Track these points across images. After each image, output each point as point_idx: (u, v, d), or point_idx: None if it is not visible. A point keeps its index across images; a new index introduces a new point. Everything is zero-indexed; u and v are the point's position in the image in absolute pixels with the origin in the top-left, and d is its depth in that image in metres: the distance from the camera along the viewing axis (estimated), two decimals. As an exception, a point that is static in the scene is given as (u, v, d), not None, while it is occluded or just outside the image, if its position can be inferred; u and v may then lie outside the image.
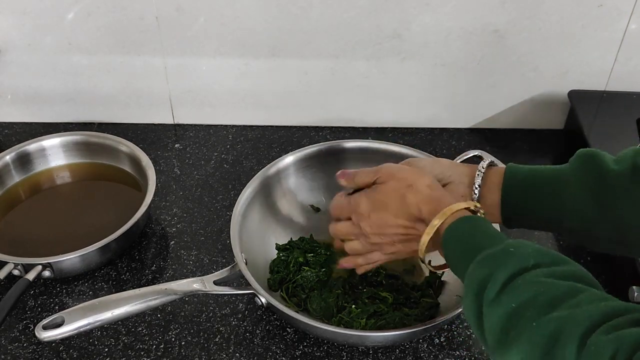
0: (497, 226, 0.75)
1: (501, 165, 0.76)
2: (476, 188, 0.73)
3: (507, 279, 0.55)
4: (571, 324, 0.49)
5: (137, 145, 0.98)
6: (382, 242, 0.72)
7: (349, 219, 0.74)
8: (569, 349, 0.48)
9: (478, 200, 0.73)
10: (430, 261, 0.71)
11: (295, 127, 1.13)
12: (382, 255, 0.74)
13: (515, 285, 0.54)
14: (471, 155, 0.87)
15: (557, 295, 0.52)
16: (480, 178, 0.73)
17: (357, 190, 0.75)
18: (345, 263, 0.78)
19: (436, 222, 0.65)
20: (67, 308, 0.74)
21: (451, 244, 0.64)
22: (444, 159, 0.78)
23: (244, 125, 1.14)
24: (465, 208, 0.65)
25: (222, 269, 0.81)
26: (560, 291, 0.52)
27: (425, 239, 0.66)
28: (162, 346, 0.80)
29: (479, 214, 0.67)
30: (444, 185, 0.74)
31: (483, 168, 0.74)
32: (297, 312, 0.79)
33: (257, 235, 0.88)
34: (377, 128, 1.13)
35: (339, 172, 0.76)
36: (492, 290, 0.55)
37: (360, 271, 0.78)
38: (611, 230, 0.67)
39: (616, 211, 0.67)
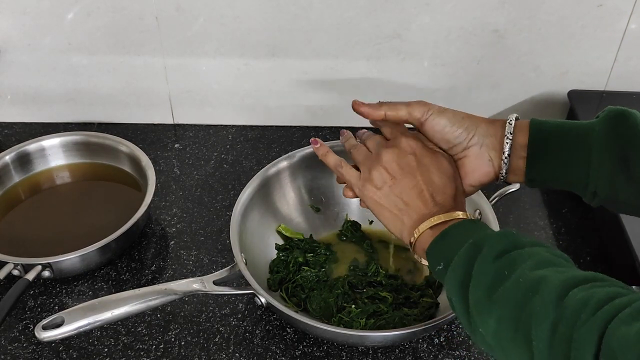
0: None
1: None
2: (506, 158, 0.68)
3: (504, 249, 0.56)
4: (553, 279, 0.51)
5: (137, 145, 0.98)
6: (378, 177, 0.68)
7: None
8: (547, 301, 0.49)
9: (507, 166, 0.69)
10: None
11: (295, 127, 1.13)
12: (356, 178, 0.71)
13: (510, 254, 0.56)
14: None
15: (546, 259, 0.54)
16: (509, 145, 0.68)
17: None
18: (318, 143, 0.76)
19: (437, 219, 0.64)
20: (67, 308, 0.74)
21: (450, 234, 0.62)
22: (465, 115, 0.71)
23: (243, 125, 1.14)
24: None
25: (221, 269, 0.81)
26: (549, 259, 0.55)
27: (426, 225, 0.64)
28: (161, 346, 0.80)
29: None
30: (464, 150, 0.70)
31: (511, 133, 0.68)
32: (297, 312, 0.79)
33: (256, 235, 0.88)
34: (376, 128, 1.13)
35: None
36: (487, 255, 0.56)
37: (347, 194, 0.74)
38: (636, 196, 0.64)
39: None
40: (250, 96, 1.10)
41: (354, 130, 1.12)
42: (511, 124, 0.68)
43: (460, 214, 0.65)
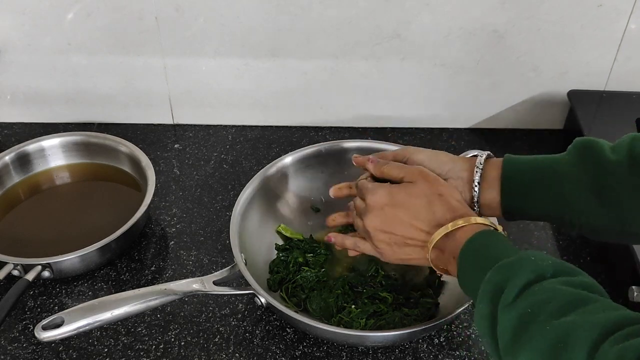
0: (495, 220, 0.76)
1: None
2: (476, 185, 0.72)
3: (524, 285, 0.55)
4: (582, 329, 0.49)
5: (137, 146, 0.98)
6: (383, 240, 0.71)
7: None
8: (578, 356, 0.47)
9: (478, 196, 0.73)
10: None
11: (295, 127, 1.13)
12: (371, 248, 0.73)
13: (532, 291, 0.54)
14: (471, 155, 0.87)
15: (571, 301, 0.52)
16: (479, 174, 0.72)
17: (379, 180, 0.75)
18: (333, 237, 0.78)
19: (451, 225, 0.65)
20: (67, 308, 0.74)
21: (469, 255, 0.63)
22: (443, 152, 0.76)
23: (243, 126, 1.14)
24: (484, 224, 0.65)
25: (221, 269, 0.81)
26: (574, 297, 0.52)
27: (437, 236, 0.66)
28: (161, 346, 0.80)
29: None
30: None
31: (481, 164, 0.72)
32: (297, 312, 0.79)
33: (256, 236, 0.88)
34: (376, 128, 1.13)
35: (368, 157, 0.76)
36: (509, 295, 0.55)
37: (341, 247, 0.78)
38: (612, 220, 0.67)
39: (616, 202, 0.66)
40: (250, 96, 1.10)
41: (353, 129, 1.13)
42: (482, 156, 0.73)
43: (449, 226, 0.65)
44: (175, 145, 1.10)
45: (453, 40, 1.01)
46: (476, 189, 0.72)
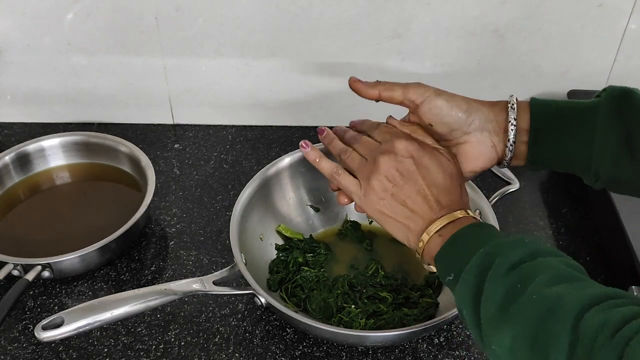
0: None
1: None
2: (511, 145, 0.67)
3: (518, 261, 0.53)
4: (569, 299, 0.49)
5: (137, 146, 0.98)
6: (379, 184, 0.65)
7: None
8: (564, 323, 0.48)
9: (513, 147, 0.68)
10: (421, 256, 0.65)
11: (295, 127, 1.13)
12: (354, 185, 0.67)
13: (523, 267, 0.53)
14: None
15: (559, 275, 0.51)
16: (514, 132, 0.66)
17: None
18: (311, 147, 0.73)
19: (440, 222, 0.62)
20: (67, 308, 0.74)
21: (460, 240, 0.60)
22: (462, 98, 0.70)
23: (243, 126, 1.14)
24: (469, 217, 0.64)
25: (221, 269, 0.81)
26: (564, 272, 0.52)
27: (432, 229, 0.62)
28: (161, 346, 0.80)
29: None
30: (464, 134, 0.68)
31: (514, 119, 0.66)
32: (297, 312, 0.79)
33: (256, 236, 0.88)
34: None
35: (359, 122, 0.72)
36: (500, 268, 0.53)
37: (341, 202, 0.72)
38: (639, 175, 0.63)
39: None
40: (250, 96, 1.10)
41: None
42: (514, 108, 0.67)
43: (459, 214, 0.62)
44: (175, 145, 1.10)
45: (453, 40, 1.01)
46: (511, 147, 0.67)
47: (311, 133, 1.12)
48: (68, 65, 1.06)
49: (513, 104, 0.67)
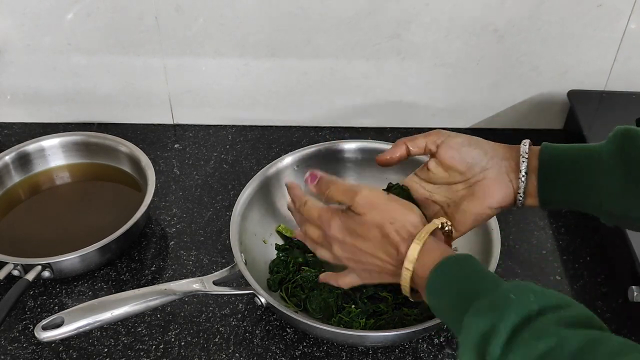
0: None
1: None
2: (523, 176, 0.69)
3: (512, 331, 0.49)
4: None
5: (137, 146, 0.98)
6: (357, 268, 0.69)
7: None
8: None
9: (525, 186, 0.70)
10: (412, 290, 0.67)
11: (295, 127, 1.13)
12: (356, 278, 0.71)
13: (522, 339, 0.49)
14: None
15: (572, 351, 0.47)
16: (526, 164, 0.69)
17: None
18: (324, 278, 0.75)
19: (414, 252, 0.62)
20: (67, 308, 0.74)
21: (438, 290, 0.60)
22: (481, 139, 0.73)
23: (243, 126, 1.14)
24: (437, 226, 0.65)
25: (221, 269, 0.81)
26: (575, 344, 0.47)
27: (407, 275, 0.63)
28: (161, 346, 0.80)
29: (447, 228, 0.67)
30: (482, 171, 0.70)
31: (526, 153, 0.69)
32: (297, 312, 0.79)
33: (256, 236, 0.88)
34: (376, 128, 1.13)
35: (307, 174, 0.72)
36: (496, 346, 0.49)
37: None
38: None
39: None
40: (250, 96, 1.10)
41: (353, 129, 1.13)
42: (525, 145, 0.70)
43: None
44: (175, 145, 1.10)
45: (453, 40, 1.01)
46: (523, 179, 0.69)
47: (311, 133, 1.12)
48: (68, 65, 1.06)
49: (525, 143, 0.70)
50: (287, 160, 0.92)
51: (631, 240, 0.82)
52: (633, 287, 0.78)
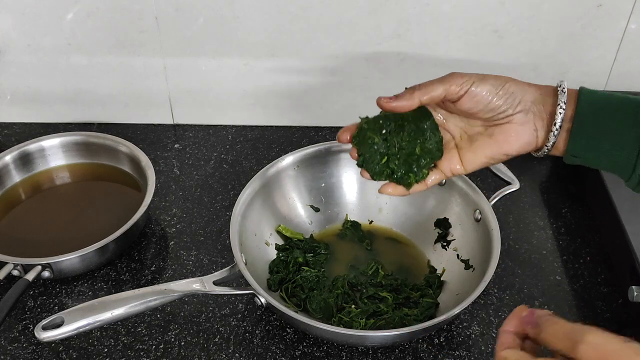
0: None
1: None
2: (556, 130, 0.62)
3: None
4: None
5: (137, 146, 0.98)
6: None
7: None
8: None
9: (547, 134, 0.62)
10: None
11: (295, 127, 1.13)
12: None
13: None
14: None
15: None
16: (562, 117, 0.61)
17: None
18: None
19: None
20: (67, 308, 0.74)
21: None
22: (509, 80, 0.64)
23: (243, 126, 1.14)
24: None
25: (221, 269, 0.81)
26: None
27: None
28: (161, 346, 0.80)
29: None
30: (508, 116, 0.63)
31: (564, 103, 0.61)
32: (297, 312, 0.79)
33: (256, 235, 0.88)
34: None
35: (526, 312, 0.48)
36: None
37: None
38: None
39: None
40: (250, 96, 1.10)
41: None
42: (564, 92, 0.63)
43: None
44: (175, 145, 1.10)
45: (453, 40, 1.01)
46: (556, 132, 0.62)
47: (311, 133, 1.12)
48: (68, 65, 1.06)
49: (563, 88, 0.63)
50: (287, 160, 0.92)
51: (631, 240, 0.82)
52: (633, 287, 0.78)
